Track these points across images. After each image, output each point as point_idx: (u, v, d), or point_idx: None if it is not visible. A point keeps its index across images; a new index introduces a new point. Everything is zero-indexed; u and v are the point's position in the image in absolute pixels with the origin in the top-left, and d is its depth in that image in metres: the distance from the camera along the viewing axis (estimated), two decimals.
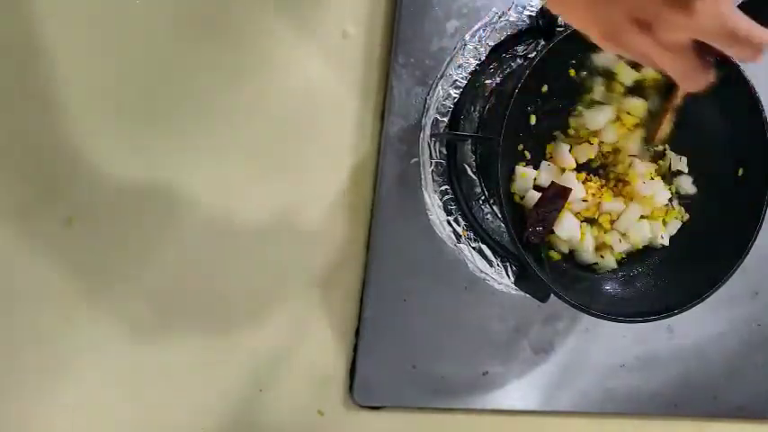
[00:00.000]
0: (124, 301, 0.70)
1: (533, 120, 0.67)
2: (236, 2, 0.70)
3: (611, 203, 0.67)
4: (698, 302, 0.64)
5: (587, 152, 0.67)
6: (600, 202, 0.67)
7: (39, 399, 0.70)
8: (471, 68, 0.71)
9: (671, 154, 0.71)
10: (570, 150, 0.68)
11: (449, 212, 0.72)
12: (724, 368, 0.83)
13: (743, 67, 0.65)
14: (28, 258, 0.68)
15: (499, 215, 0.70)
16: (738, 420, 0.84)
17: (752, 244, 0.65)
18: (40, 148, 0.68)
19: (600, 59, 0.68)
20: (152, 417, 0.72)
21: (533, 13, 0.71)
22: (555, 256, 0.69)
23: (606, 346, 0.80)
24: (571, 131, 0.69)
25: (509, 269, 0.72)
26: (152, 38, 0.69)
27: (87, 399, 0.71)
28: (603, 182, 0.69)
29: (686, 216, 0.71)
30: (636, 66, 0.66)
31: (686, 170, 0.71)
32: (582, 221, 0.68)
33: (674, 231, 0.71)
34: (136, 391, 0.72)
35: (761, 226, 0.65)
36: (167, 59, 0.70)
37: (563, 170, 0.67)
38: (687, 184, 0.71)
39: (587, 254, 0.68)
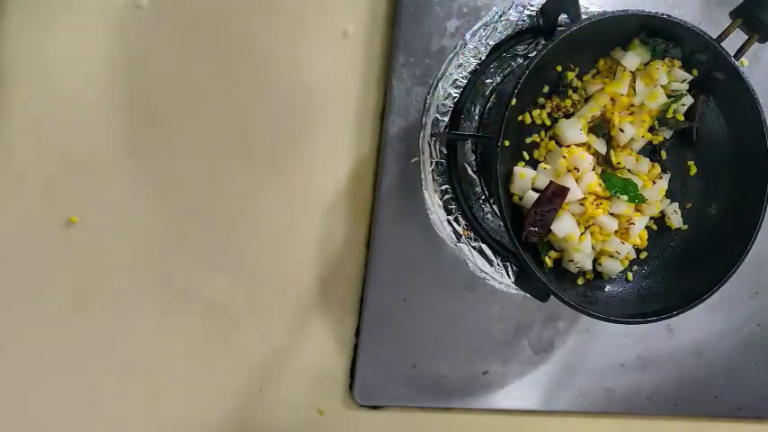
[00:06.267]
0: (124, 300, 0.70)
1: (536, 119, 0.67)
2: (235, 2, 0.70)
3: (606, 218, 0.67)
4: (698, 303, 0.64)
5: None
6: (593, 216, 0.67)
7: (38, 397, 0.70)
8: (471, 68, 0.71)
9: (666, 201, 0.71)
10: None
11: (449, 212, 0.72)
12: (724, 368, 0.83)
13: (742, 67, 0.66)
14: (28, 258, 0.68)
15: (498, 215, 0.70)
16: (738, 420, 0.84)
17: (752, 244, 0.65)
18: (40, 148, 0.68)
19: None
20: (152, 416, 0.73)
21: (533, 13, 0.71)
22: (554, 255, 0.69)
23: (606, 346, 0.80)
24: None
25: (509, 269, 0.72)
26: (152, 40, 0.69)
27: (87, 398, 0.71)
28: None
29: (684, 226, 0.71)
30: None
31: (678, 212, 0.71)
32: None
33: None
34: (136, 390, 0.72)
35: (761, 226, 0.65)
36: (167, 60, 0.70)
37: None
38: (676, 219, 0.71)
39: (584, 256, 0.68)
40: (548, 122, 0.67)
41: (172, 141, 0.70)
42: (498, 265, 0.72)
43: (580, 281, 0.69)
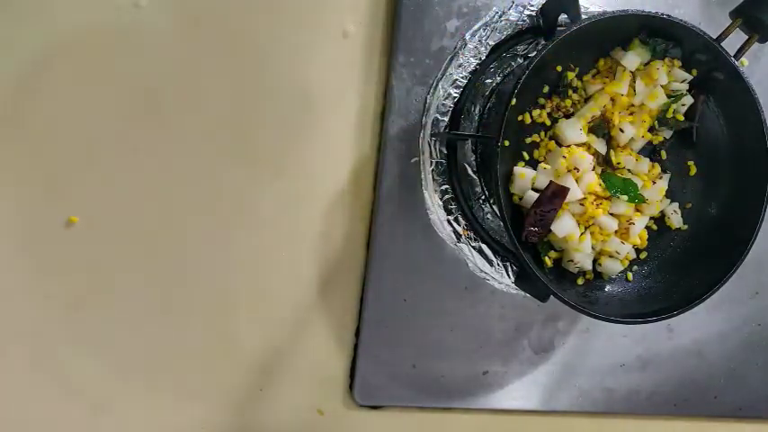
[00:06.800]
0: (124, 301, 0.70)
1: (536, 119, 0.67)
2: (235, 1, 0.70)
3: (606, 218, 0.67)
4: (698, 303, 0.64)
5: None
6: (593, 216, 0.67)
7: (38, 397, 0.70)
8: (471, 68, 0.71)
9: (666, 201, 0.71)
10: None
11: (449, 212, 0.72)
12: (724, 368, 0.83)
13: (742, 67, 0.66)
14: (28, 258, 0.68)
15: (498, 215, 0.70)
16: (738, 420, 0.84)
17: (752, 244, 0.65)
18: (40, 148, 0.68)
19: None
20: (152, 416, 0.73)
21: (533, 13, 0.71)
22: (554, 255, 0.69)
23: (606, 346, 0.80)
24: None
25: (509, 269, 0.72)
26: (152, 40, 0.69)
27: (87, 398, 0.71)
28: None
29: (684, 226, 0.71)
30: None
31: (678, 212, 0.71)
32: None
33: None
34: (136, 390, 0.72)
35: (761, 226, 0.65)
36: (167, 61, 0.70)
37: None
38: (676, 219, 0.71)
39: (584, 256, 0.68)
40: (548, 122, 0.67)
41: (172, 141, 0.70)
42: (498, 265, 0.72)
43: (580, 281, 0.69)
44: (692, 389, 0.82)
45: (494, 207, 0.71)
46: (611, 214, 0.68)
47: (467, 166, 0.71)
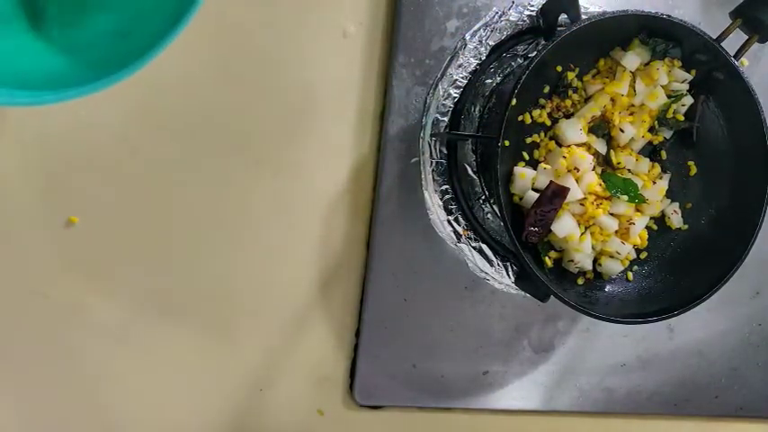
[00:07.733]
0: (124, 301, 0.70)
1: (536, 119, 0.67)
2: (235, 1, 0.70)
3: (606, 218, 0.67)
4: (698, 303, 0.64)
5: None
6: (593, 216, 0.67)
7: (38, 398, 0.70)
8: (471, 68, 0.71)
9: (666, 201, 0.71)
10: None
11: (449, 212, 0.72)
12: (724, 368, 0.83)
13: (742, 67, 0.66)
14: (28, 258, 0.68)
15: (499, 215, 0.70)
16: (738, 420, 0.84)
17: (752, 244, 0.65)
18: (40, 148, 0.68)
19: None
20: (152, 416, 0.73)
21: (533, 13, 0.71)
22: (554, 255, 0.69)
23: (606, 346, 0.80)
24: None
25: (509, 269, 0.72)
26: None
27: (87, 398, 0.71)
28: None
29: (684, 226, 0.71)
30: None
31: (678, 212, 0.71)
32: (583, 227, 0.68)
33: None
34: (135, 390, 0.72)
35: (761, 226, 0.65)
36: (166, 60, 0.69)
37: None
38: (676, 219, 0.71)
39: (584, 256, 0.68)
40: (548, 122, 0.67)
41: (171, 141, 0.70)
42: (498, 265, 0.72)
43: (580, 281, 0.69)
44: (692, 389, 0.82)
45: (494, 207, 0.71)
46: (612, 214, 0.68)
47: (467, 166, 0.71)
